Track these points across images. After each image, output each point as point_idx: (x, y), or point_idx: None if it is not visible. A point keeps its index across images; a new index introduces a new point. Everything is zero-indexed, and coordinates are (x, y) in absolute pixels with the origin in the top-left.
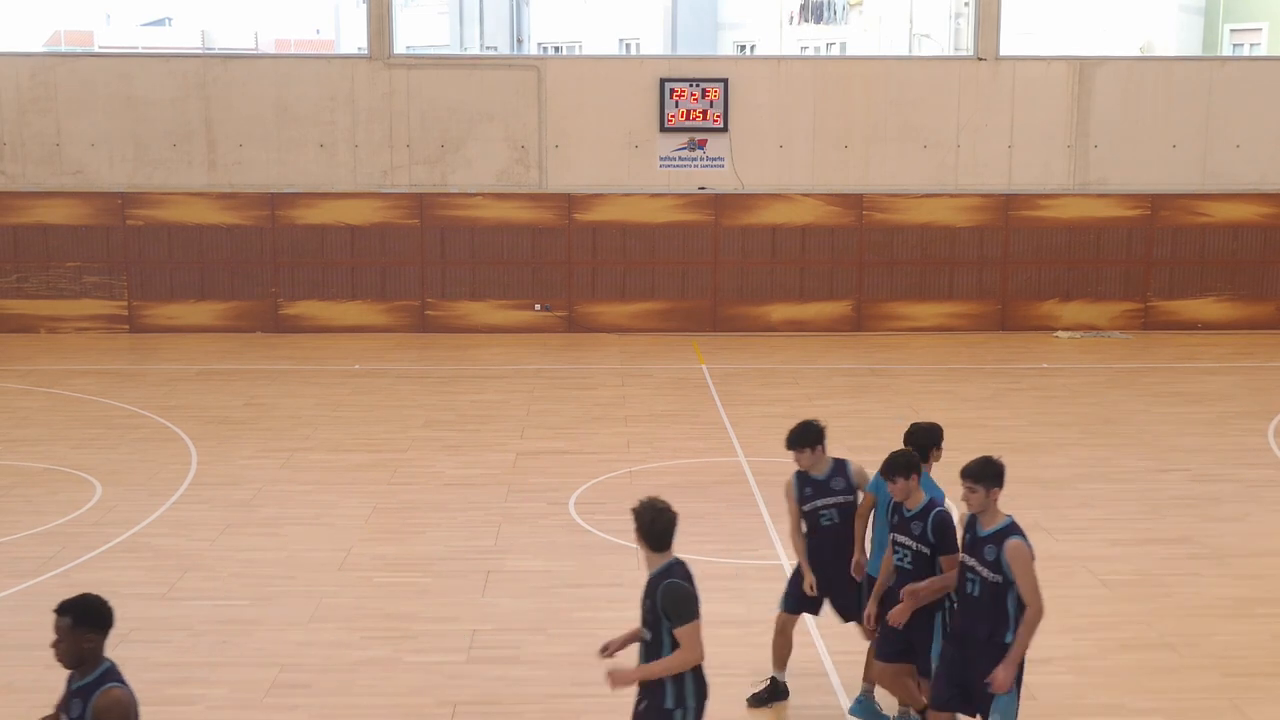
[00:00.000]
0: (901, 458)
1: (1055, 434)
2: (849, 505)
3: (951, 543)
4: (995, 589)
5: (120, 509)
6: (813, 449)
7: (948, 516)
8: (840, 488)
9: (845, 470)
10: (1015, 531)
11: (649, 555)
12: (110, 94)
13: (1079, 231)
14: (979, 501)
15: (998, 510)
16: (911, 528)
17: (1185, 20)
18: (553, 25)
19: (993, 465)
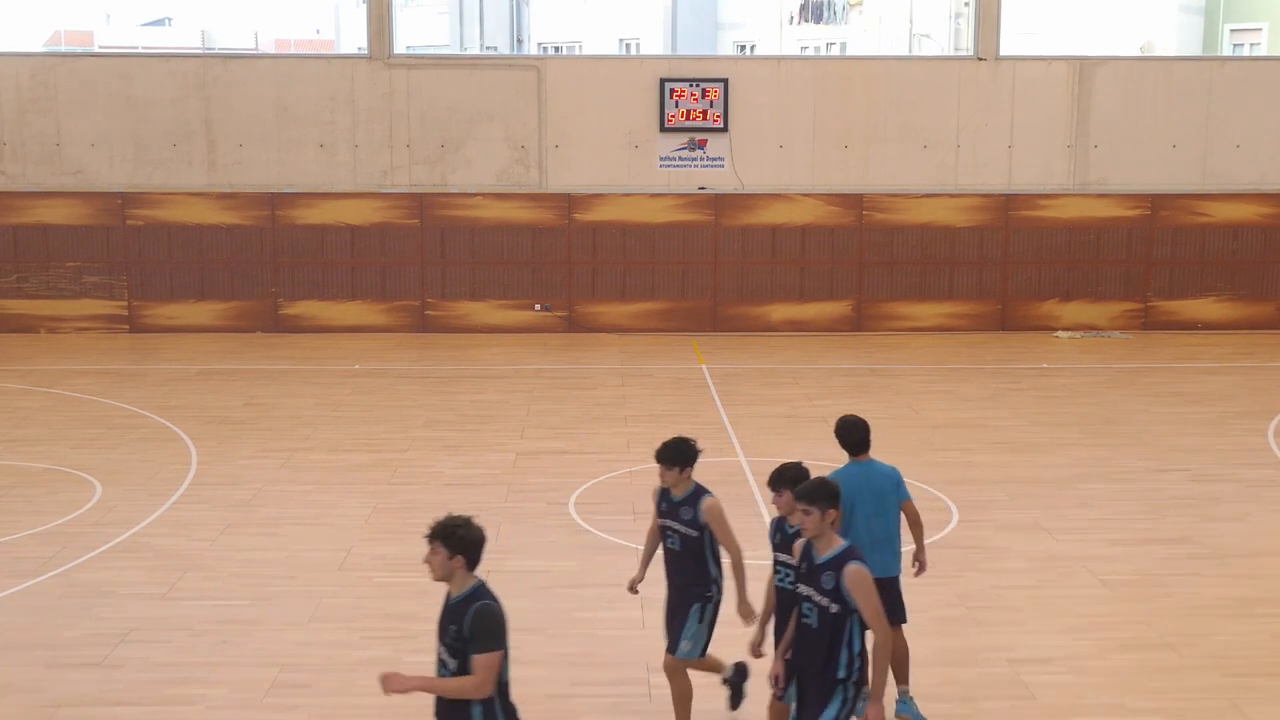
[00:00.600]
0: (791, 471)
1: (1055, 434)
2: (690, 539)
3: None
4: (834, 619)
5: (120, 509)
6: (681, 469)
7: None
8: (687, 518)
9: (698, 503)
10: (854, 556)
11: (461, 575)
12: (110, 94)
13: (1079, 231)
14: (814, 525)
15: (834, 535)
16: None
17: (1185, 20)
18: (553, 25)
19: (828, 486)
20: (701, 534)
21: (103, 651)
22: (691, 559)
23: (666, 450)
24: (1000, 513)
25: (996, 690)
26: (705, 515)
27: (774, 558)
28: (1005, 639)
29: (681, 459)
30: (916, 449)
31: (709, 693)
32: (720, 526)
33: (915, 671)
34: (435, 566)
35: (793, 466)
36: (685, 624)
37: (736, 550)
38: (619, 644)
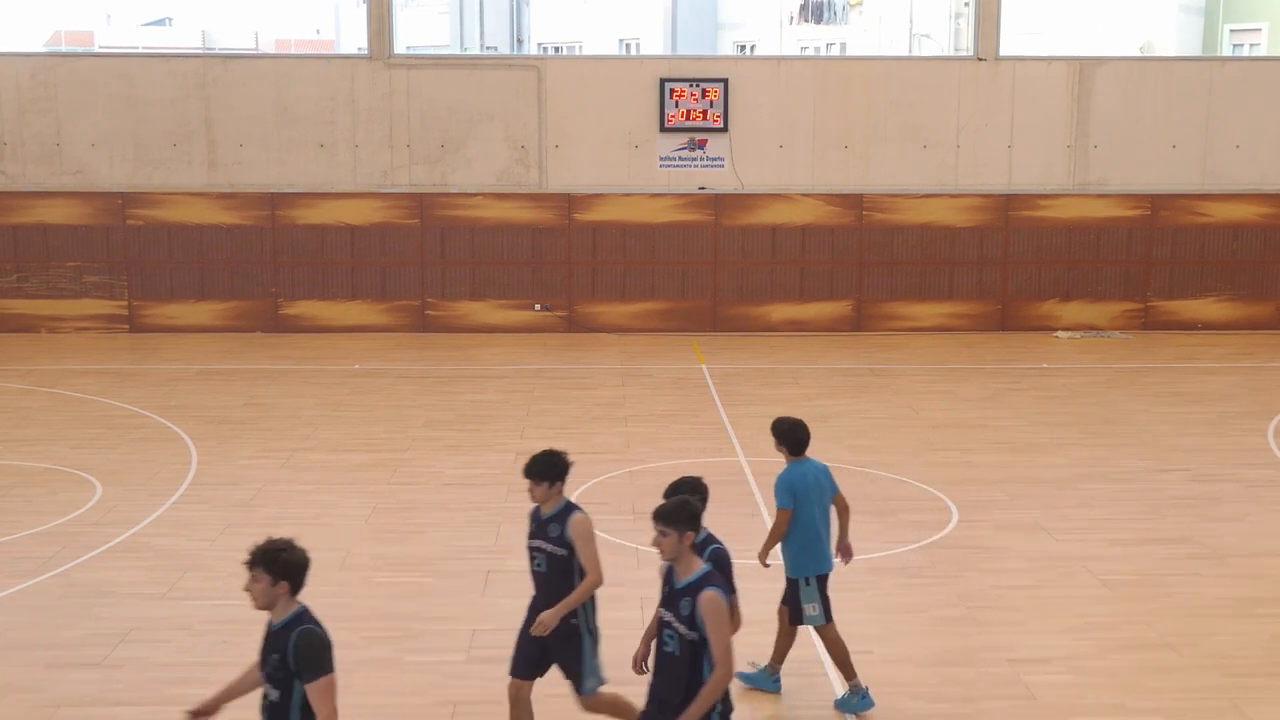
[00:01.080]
0: (689, 484)
1: (1055, 434)
2: (559, 559)
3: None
4: (693, 647)
5: (120, 509)
6: (550, 483)
7: (724, 554)
8: (554, 535)
9: (566, 520)
10: (711, 582)
11: (284, 601)
12: (110, 94)
13: (1079, 231)
14: (671, 547)
15: (693, 558)
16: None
17: (1185, 20)
18: (553, 25)
19: (687, 508)
20: (570, 553)
21: (103, 651)
22: (561, 580)
23: (535, 465)
24: (1000, 513)
25: (996, 690)
26: (572, 531)
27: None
28: (1005, 639)
29: (551, 473)
30: (916, 449)
31: None
32: (586, 545)
33: (915, 671)
34: (257, 595)
35: (691, 480)
36: (581, 661)
37: (597, 574)
38: (619, 644)
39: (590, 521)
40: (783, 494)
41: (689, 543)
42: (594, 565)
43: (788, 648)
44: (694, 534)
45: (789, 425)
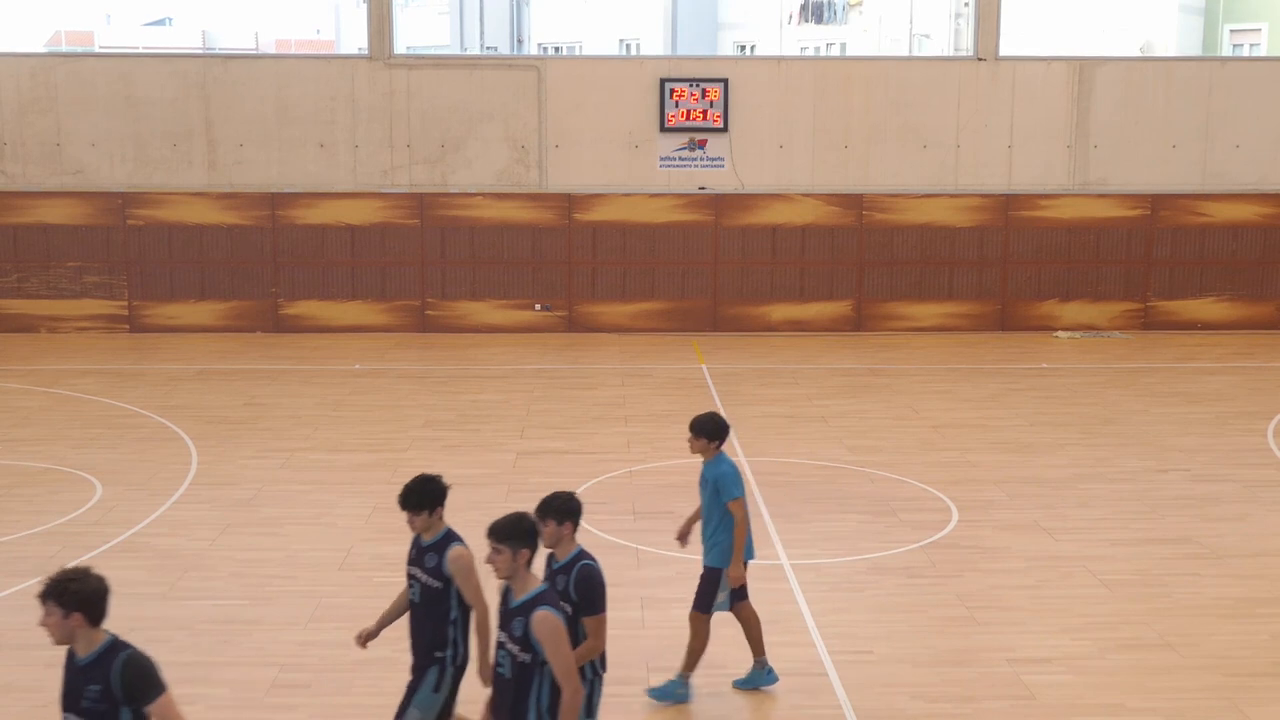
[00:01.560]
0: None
1: (1055, 434)
2: (431, 590)
3: (595, 602)
4: (522, 669)
5: (120, 509)
6: (430, 511)
7: (595, 571)
8: (431, 565)
9: (444, 551)
10: (546, 601)
11: (85, 633)
12: (110, 94)
13: (1079, 231)
14: (505, 565)
15: (530, 576)
16: (556, 582)
17: (1185, 20)
18: (553, 25)
19: (523, 523)
20: (447, 585)
21: None
22: (434, 611)
23: (410, 495)
24: (1000, 513)
25: (996, 690)
26: (450, 566)
27: None
28: (1005, 639)
29: (429, 501)
30: (916, 449)
31: None
32: (467, 580)
33: (915, 671)
34: (53, 629)
35: (560, 497)
36: (419, 689)
37: (482, 608)
38: (619, 644)
39: (471, 556)
40: (735, 483)
41: (524, 560)
42: (478, 599)
43: (760, 633)
44: (529, 551)
45: (715, 418)
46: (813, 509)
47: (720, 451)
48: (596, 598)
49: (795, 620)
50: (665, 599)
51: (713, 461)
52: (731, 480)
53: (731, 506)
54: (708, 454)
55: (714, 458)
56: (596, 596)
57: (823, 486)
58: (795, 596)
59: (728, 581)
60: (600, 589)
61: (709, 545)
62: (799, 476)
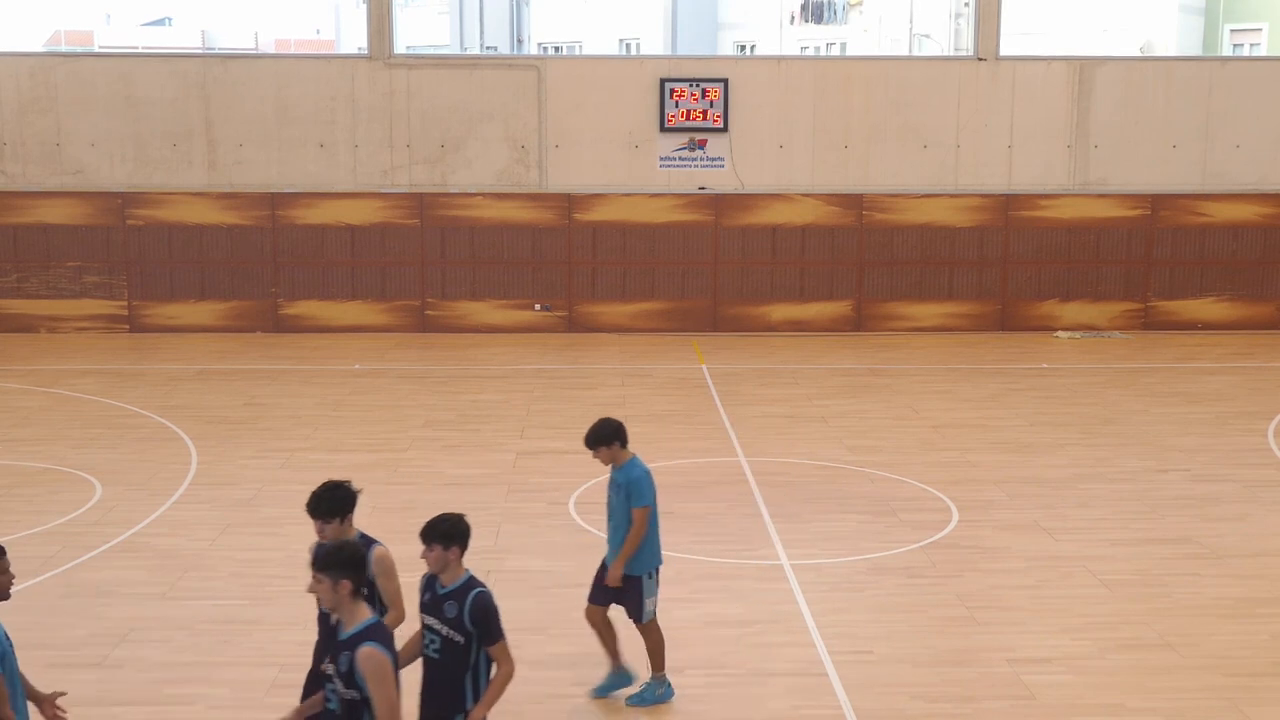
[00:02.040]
0: (443, 525)
1: (1055, 434)
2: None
3: (494, 629)
4: (353, 707)
5: (120, 509)
6: (341, 519)
7: (489, 598)
8: (452, 615)
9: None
10: (372, 636)
11: None
12: (110, 94)
13: (1079, 231)
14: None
15: (359, 608)
16: (445, 609)
17: (1185, 20)
18: (553, 25)
19: (344, 551)
20: (370, 590)
21: (103, 651)
22: None
23: (321, 502)
24: (1000, 513)
25: (996, 690)
26: (374, 567)
27: (421, 620)
28: (1005, 639)
29: (341, 508)
30: (916, 449)
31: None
32: (389, 581)
33: (915, 671)
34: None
35: (445, 520)
36: None
37: (399, 609)
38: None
39: (391, 555)
40: (646, 491)
41: (346, 591)
42: (397, 600)
43: (615, 641)
44: (351, 582)
45: (607, 423)
46: (813, 509)
47: (633, 456)
48: (494, 625)
49: (795, 620)
50: (665, 599)
51: (626, 465)
52: (645, 486)
53: (635, 513)
54: (619, 459)
55: (627, 462)
56: (494, 623)
57: (823, 486)
58: (795, 596)
59: (651, 587)
60: (496, 615)
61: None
62: (799, 476)
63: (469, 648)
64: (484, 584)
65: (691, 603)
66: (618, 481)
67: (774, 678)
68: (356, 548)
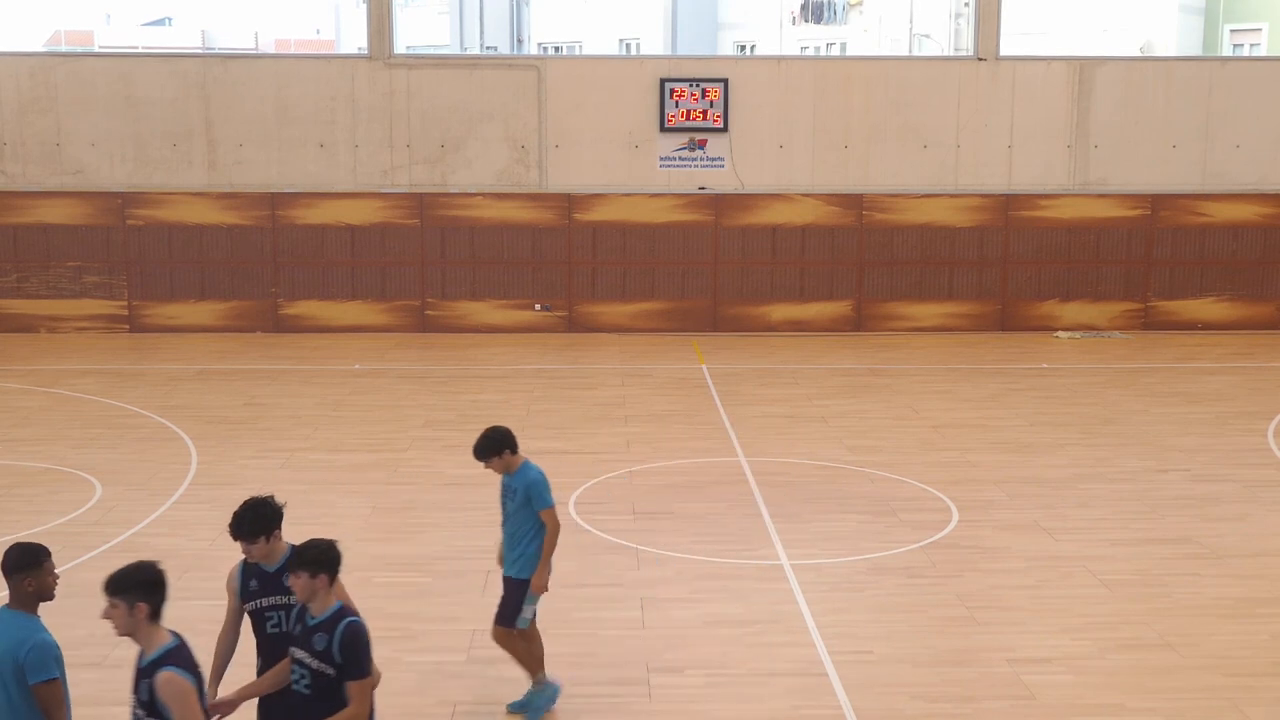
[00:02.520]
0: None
1: (1055, 434)
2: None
3: (362, 664)
4: None
5: (120, 509)
6: (267, 537)
7: (362, 629)
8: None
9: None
10: (171, 661)
11: None
12: (110, 94)
13: (1079, 231)
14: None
15: (157, 632)
16: (314, 641)
17: (1185, 20)
18: (553, 25)
19: (140, 573)
20: None
21: (103, 651)
22: None
23: (244, 524)
24: (1000, 513)
25: (996, 690)
26: None
27: (290, 653)
28: (1005, 639)
29: (268, 526)
30: (916, 449)
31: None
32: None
33: (915, 671)
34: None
35: (313, 546)
36: None
37: None
38: (619, 644)
39: None
40: (546, 491)
41: (143, 615)
42: None
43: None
44: (148, 605)
45: (495, 431)
46: (813, 509)
47: (526, 460)
48: (364, 659)
49: (795, 620)
50: (665, 599)
51: (520, 470)
52: (543, 487)
53: (544, 515)
54: (512, 465)
55: (520, 466)
56: (364, 658)
57: (823, 486)
58: (795, 596)
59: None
60: (367, 649)
61: (515, 556)
62: (799, 476)
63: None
64: (357, 614)
65: (691, 603)
66: (513, 487)
67: (774, 678)
68: (152, 569)
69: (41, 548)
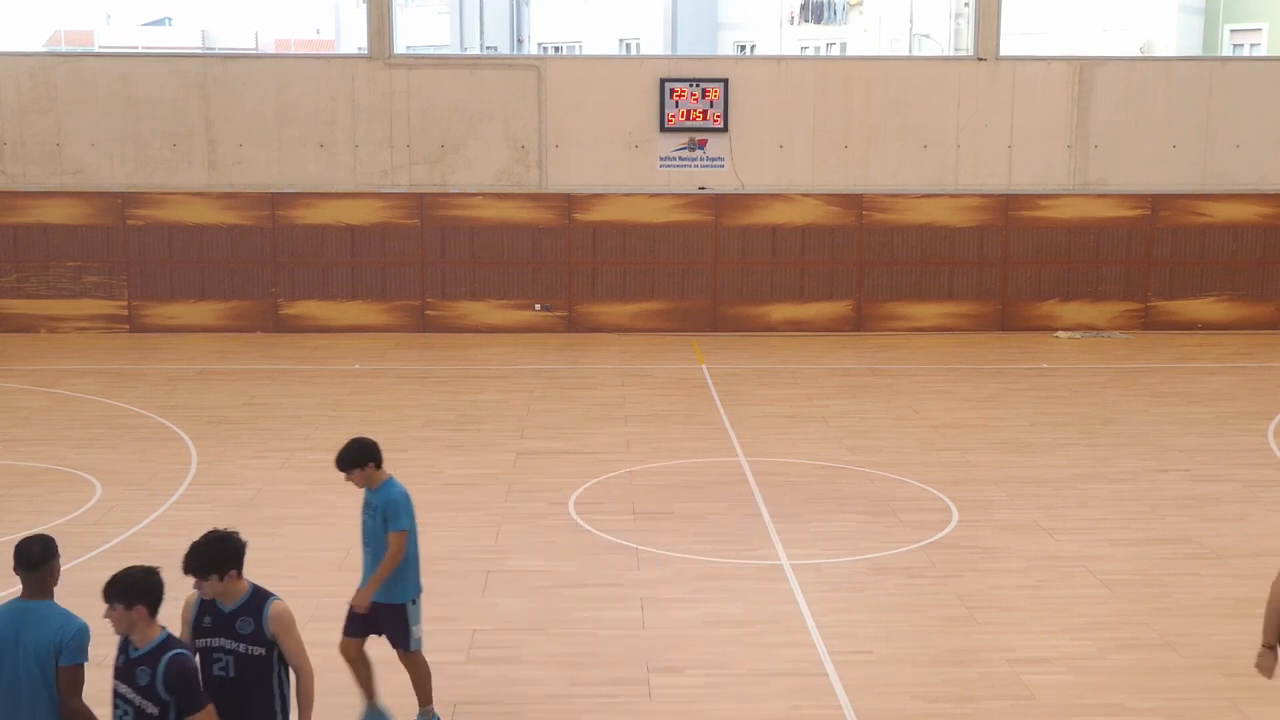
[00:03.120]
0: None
1: (1055, 434)
2: (250, 659)
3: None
4: None
5: (120, 509)
6: (220, 575)
7: (188, 661)
8: (247, 631)
9: (263, 609)
10: (174, 645)
11: None
12: (110, 94)
13: (1079, 231)
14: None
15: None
16: (137, 675)
17: (1185, 20)
18: (553, 25)
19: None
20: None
21: (103, 651)
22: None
23: (191, 560)
24: (1000, 513)
25: (996, 690)
26: (273, 625)
27: (113, 688)
28: (1005, 639)
29: (223, 564)
30: (916, 449)
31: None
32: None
33: (915, 671)
34: None
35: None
36: None
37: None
38: (619, 644)
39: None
40: (404, 513)
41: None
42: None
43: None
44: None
45: (360, 443)
46: (813, 509)
47: (390, 476)
48: (195, 692)
49: (795, 620)
50: (665, 599)
51: (382, 487)
52: (402, 507)
53: (393, 538)
54: (374, 481)
55: (383, 483)
56: (194, 691)
57: (823, 486)
58: (795, 596)
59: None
60: (196, 680)
61: (387, 580)
62: (799, 476)
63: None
64: (183, 645)
65: (691, 603)
66: (373, 504)
67: (774, 678)
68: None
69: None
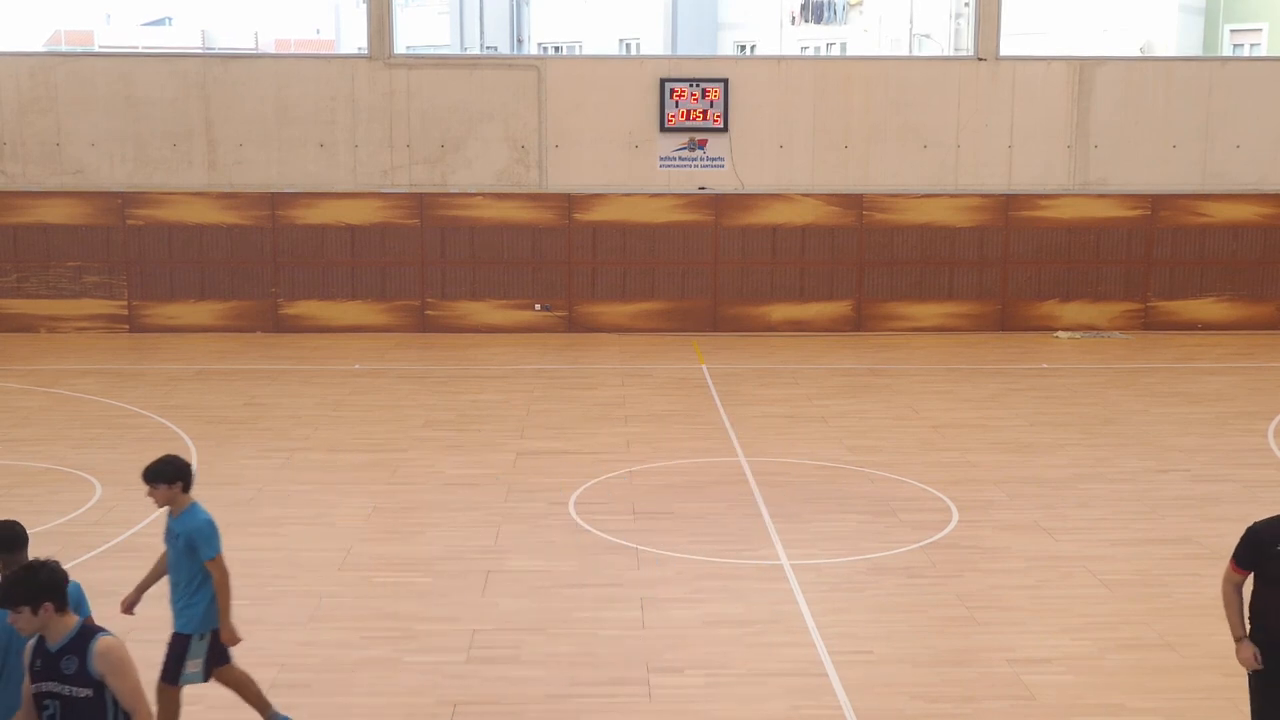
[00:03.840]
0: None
1: (1055, 434)
2: (77, 701)
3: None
4: None
5: (120, 509)
6: (33, 609)
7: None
8: (70, 670)
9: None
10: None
11: None
12: (110, 94)
13: (1079, 231)
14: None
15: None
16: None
17: (1185, 20)
18: (553, 25)
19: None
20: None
21: None
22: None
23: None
24: (1000, 513)
25: (996, 690)
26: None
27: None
28: (1005, 639)
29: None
30: (916, 449)
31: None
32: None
33: (915, 671)
34: None
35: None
36: None
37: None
38: (619, 644)
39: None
40: (214, 538)
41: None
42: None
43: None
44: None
45: (174, 461)
46: (813, 509)
47: (194, 501)
48: (129, 667)
49: (795, 620)
50: (665, 599)
51: (185, 514)
52: (208, 535)
53: (211, 566)
54: (177, 504)
55: (186, 509)
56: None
57: (823, 486)
58: (795, 596)
59: (199, 649)
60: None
61: (180, 608)
62: (799, 476)
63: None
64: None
65: (691, 603)
66: (175, 531)
67: (774, 678)
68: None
69: None
